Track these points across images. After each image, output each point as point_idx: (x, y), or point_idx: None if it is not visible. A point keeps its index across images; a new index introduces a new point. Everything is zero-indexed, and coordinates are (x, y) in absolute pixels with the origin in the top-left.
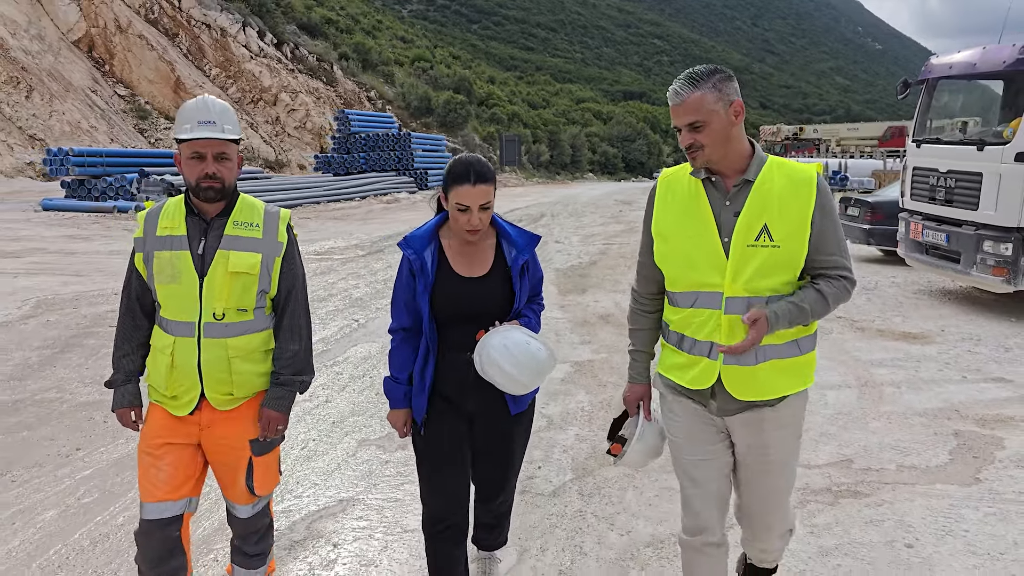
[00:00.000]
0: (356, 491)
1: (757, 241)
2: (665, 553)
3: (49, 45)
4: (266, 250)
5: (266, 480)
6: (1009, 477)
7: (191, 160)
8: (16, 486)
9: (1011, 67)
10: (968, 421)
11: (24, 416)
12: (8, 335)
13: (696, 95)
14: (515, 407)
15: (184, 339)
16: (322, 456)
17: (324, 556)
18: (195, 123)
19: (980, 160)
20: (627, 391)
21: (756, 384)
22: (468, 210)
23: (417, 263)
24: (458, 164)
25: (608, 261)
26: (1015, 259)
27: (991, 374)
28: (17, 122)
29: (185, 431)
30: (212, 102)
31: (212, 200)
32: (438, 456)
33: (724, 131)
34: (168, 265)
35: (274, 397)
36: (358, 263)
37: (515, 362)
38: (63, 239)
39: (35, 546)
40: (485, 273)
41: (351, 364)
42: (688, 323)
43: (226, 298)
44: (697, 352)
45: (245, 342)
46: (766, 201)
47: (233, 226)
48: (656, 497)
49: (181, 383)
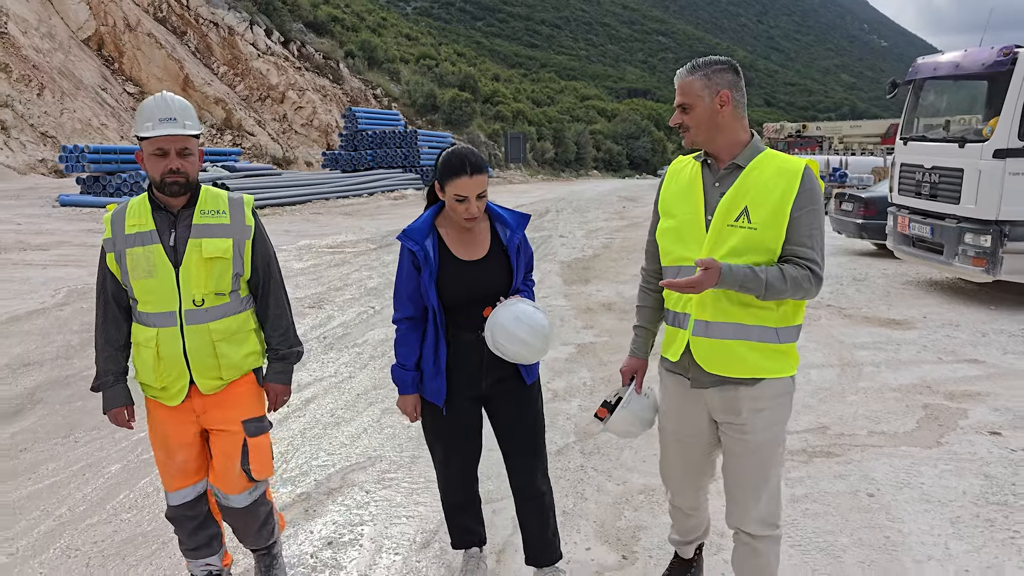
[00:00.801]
0: (383, 451)
1: (736, 222)
2: (655, 498)
3: (60, 43)
4: (236, 235)
5: (262, 463)
6: (968, 441)
7: (154, 156)
8: (80, 446)
9: (990, 68)
10: (938, 396)
11: (76, 389)
12: (48, 321)
13: (687, 80)
14: (529, 377)
15: (167, 329)
16: (349, 423)
17: (358, 500)
18: (156, 120)
19: (961, 157)
20: (624, 363)
21: (723, 359)
22: (466, 200)
23: (421, 254)
24: (453, 157)
25: (611, 254)
26: (993, 250)
27: (965, 356)
28: (29, 119)
29: (184, 421)
30: (171, 99)
31: (177, 194)
32: (453, 436)
33: (708, 116)
34: (143, 260)
35: (276, 371)
36: (370, 256)
37: (529, 330)
38: (84, 233)
39: (106, 492)
40: (484, 255)
41: (370, 346)
42: (670, 295)
43: (204, 284)
44: (676, 324)
45: (226, 325)
46: (751, 186)
47: (200, 215)
48: (652, 456)
49: (169, 373)
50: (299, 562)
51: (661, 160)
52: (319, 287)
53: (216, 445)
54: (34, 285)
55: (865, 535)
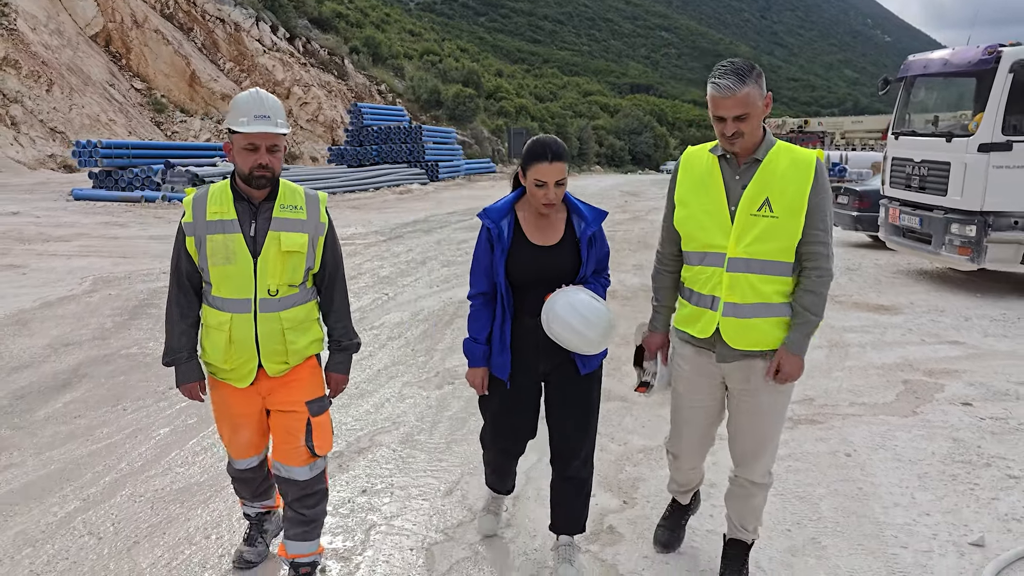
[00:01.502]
0: (405, 418)
1: (759, 211)
2: (653, 456)
3: (68, 40)
4: (311, 230)
5: (324, 440)
6: (942, 411)
7: (245, 151)
8: (128, 413)
9: (975, 66)
10: (918, 372)
11: (117, 366)
12: (79, 306)
13: (745, 90)
14: (584, 367)
15: (241, 315)
16: (373, 394)
17: (386, 456)
18: (251, 116)
19: (949, 151)
20: (648, 339)
21: (750, 336)
22: (545, 185)
23: (495, 231)
24: (537, 144)
25: (613, 247)
26: (978, 240)
27: (948, 338)
28: (38, 115)
29: (250, 402)
30: (266, 97)
31: (262, 187)
32: (510, 412)
33: (759, 120)
34: (222, 247)
35: (337, 362)
36: (380, 247)
37: (584, 320)
38: (102, 225)
39: (159, 450)
40: (557, 242)
41: (387, 328)
42: (696, 279)
43: (279, 275)
44: (702, 304)
45: (295, 313)
46: (770, 178)
47: (280, 209)
48: (649, 421)
49: (239, 356)
50: (340, 504)
51: (663, 155)
52: None
53: (280, 424)
54: (60, 274)
55: (840, 487)
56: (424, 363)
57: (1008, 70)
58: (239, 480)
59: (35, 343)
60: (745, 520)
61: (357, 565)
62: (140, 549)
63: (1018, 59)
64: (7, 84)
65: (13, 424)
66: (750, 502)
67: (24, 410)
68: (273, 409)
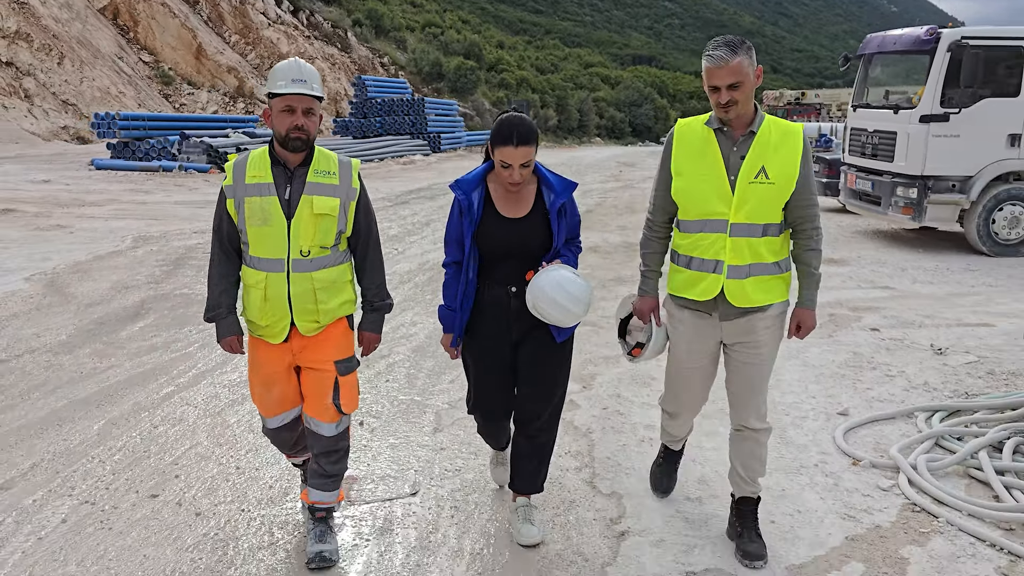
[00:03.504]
0: (416, 336)
1: (756, 179)
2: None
3: (77, 13)
4: (343, 195)
5: (350, 399)
6: (852, 335)
7: (282, 113)
8: (194, 333)
9: (919, 46)
10: (844, 309)
11: (175, 302)
12: (127, 259)
13: (737, 60)
14: (559, 336)
15: (275, 274)
16: (390, 321)
17: (401, 359)
18: (288, 80)
19: (896, 122)
20: (640, 303)
21: (749, 294)
22: (510, 167)
23: (465, 203)
24: (504, 127)
25: (601, 211)
26: (919, 201)
27: (881, 284)
28: (51, 88)
29: (282, 359)
30: (303, 64)
31: (298, 150)
32: (484, 369)
33: (751, 90)
34: (259, 210)
35: (370, 321)
36: (388, 211)
37: (569, 296)
38: (129, 192)
39: (227, 357)
40: (526, 214)
41: (398, 275)
42: (696, 245)
43: (311, 237)
44: (704, 269)
45: (326, 274)
46: (765, 148)
47: (314, 174)
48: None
49: (274, 313)
50: (369, 380)
51: (664, 128)
52: None
53: (310, 381)
54: (102, 233)
55: None
56: (430, 301)
57: (946, 49)
58: (276, 439)
59: (99, 286)
60: (753, 471)
61: (378, 418)
62: (225, 414)
63: (954, 40)
64: (20, 57)
65: (104, 341)
66: (757, 451)
67: (109, 332)
68: (304, 366)
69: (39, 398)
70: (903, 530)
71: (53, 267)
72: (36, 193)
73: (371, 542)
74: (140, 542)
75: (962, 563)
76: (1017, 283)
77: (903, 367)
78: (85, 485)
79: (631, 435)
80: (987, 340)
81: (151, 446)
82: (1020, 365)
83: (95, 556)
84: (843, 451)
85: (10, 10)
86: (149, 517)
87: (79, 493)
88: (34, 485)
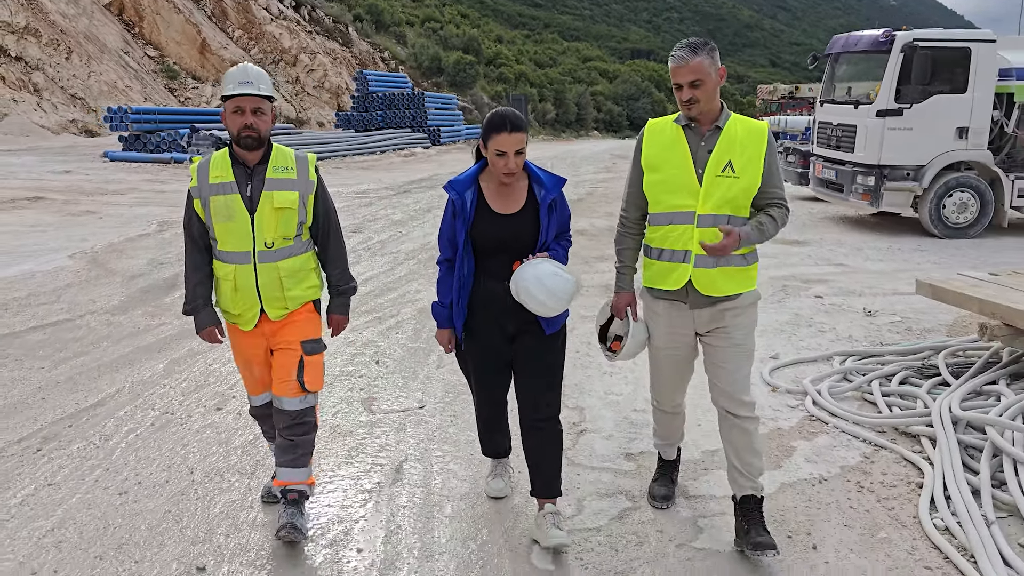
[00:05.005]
0: (420, 301)
1: (723, 172)
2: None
3: (83, 8)
4: (301, 188)
5: (314, 377)
6: (798, 301)
7: (233, 114)
8: None
9: (877, 47)
10: (797, 281)
11: None
12: (156, 241)
13: (697, 60)
14: (548, 328)
15: (242, 266)
16: (397, 289)
17: (407, 318)
18: (236, 83)
19: (856, 116)
20: (616, 300)
21: (716, 284)
22: (505, 155)
23: (459, 203)
24: (496, 116)
25: (591, 200)
26: (876, 188)
27: (836, 261)
28: (59, 82)
29: (256, 342)
30: (250, 68)
31: (251, 148)
32: (485, 370)
33: (713, 89)
34: (223, 207)
35: (337, 304)
36: (391, 200)
37: (545, 290)
38: (146, 181)
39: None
40: (518, 210)
41: (403, 253)
42: (666, 238)
43: (274, 229)
44: (675, 260)
45: (291, 263)
46: (731, 143)
47: (272, 171)
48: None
49: (244, 302)
50: (378, 336)
51: None
52: (356, 219)
53: (277, 360)
54: (129, 218)
55: None
56: (432, 276)
57: (900, 50)
58: (259, 418)
59: (136, 263)
60: (751, 466)
61: (391, 358)
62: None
63: (906, 42)
64: (29, 52)
65: (152, 304)
66: (748, 438)
67: (153, 299)
68: (275, 348)
69: (108, 346)
70: (798, 431)
71: (91, 247)
72: (60, 183)
73: (391, 437)
74: (211, 440)
75: (836, 451)
76: (959, 261)
77: (835, 325)
78: (162, 403)
79: (596, 370)
80: (914, 305)
81: (209, 378)
82: (935, 324)
83: (181, 445)
84: (766, 382)
85: (19, 6)
86: (217, 424)
87: (160, 407)
88: (122, 403)
